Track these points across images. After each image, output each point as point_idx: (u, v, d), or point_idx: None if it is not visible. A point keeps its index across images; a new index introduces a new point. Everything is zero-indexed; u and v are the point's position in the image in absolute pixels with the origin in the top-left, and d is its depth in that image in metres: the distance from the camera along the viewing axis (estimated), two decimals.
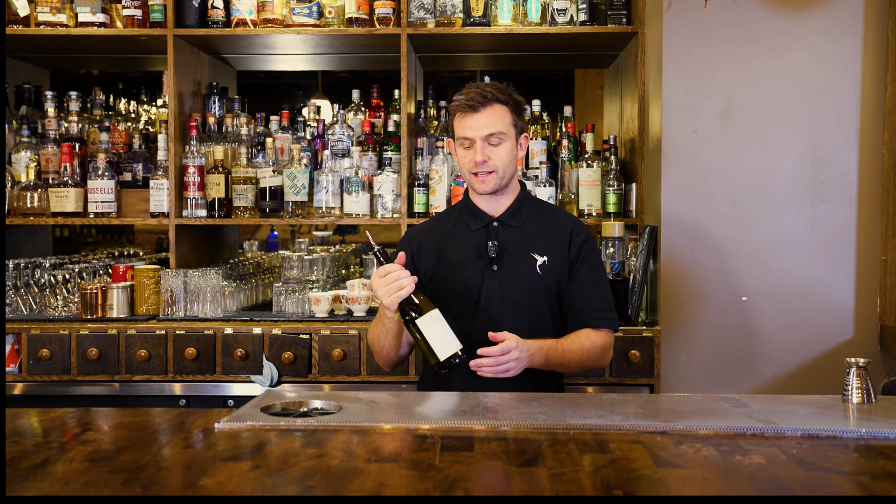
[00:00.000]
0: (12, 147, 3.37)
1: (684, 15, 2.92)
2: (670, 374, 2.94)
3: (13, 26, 3.22)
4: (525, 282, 2.23)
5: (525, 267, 2.24)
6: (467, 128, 2.20)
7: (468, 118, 2.20)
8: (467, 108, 2.19)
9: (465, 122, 2.20)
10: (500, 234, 2.27)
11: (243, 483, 1.35)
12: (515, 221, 2.28)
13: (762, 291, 2.93)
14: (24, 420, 1.79)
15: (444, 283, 2.25)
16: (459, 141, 2.23)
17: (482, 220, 2.29)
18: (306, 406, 1.84)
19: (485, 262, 2.23)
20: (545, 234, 2.29)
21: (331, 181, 3.17)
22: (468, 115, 2.20)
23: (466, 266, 2.25)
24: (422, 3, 3.16)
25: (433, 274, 2.27)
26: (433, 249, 2.30)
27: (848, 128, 2.91)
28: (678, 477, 1.38)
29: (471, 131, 2.19)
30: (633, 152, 3.26)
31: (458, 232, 2.30)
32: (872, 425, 1.66)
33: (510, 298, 2.23)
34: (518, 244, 2.26)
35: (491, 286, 2.23)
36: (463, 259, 2.26)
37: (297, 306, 3.10)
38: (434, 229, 2.36)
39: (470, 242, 2.27)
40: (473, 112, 2.19)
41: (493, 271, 2.23)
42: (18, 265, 3.15)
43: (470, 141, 2.20)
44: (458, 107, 2.21)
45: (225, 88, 3.64)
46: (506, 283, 2.23)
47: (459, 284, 2.24)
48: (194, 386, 2.94)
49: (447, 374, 2.07)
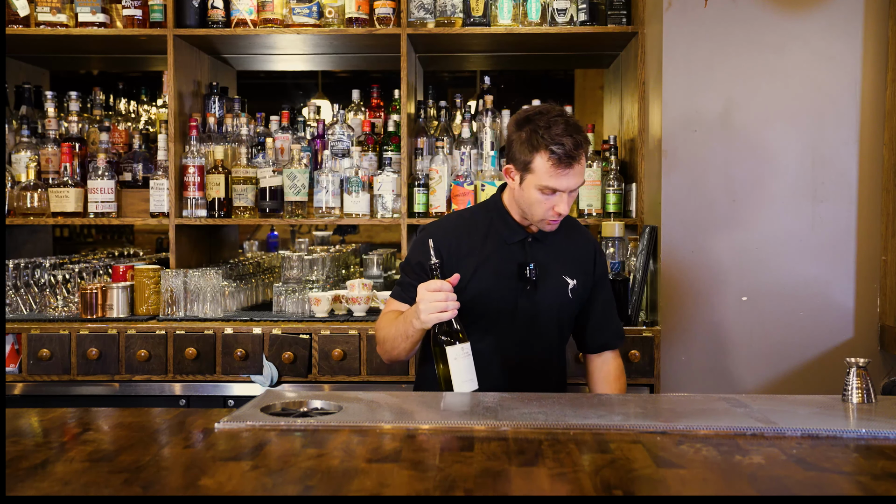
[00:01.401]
0: (12, 147, 3.37)
1: (684, 15, 2.92)
2: (670, 374, 2.94)
3: (13, 26, 3.22)
4: (556, 304, 2.25)
5: (558, 290, 2.24)
6: (559, 182, 2.07)
7: (562, 172, 2.07)
8: (565, 163, 2.06)
9: (558, 177, 2.07)
10: (534, 250, 2.24)
11: (243, 483, 1.35)
12: (548, 239, 2.26)
13: (762, 291, 2.93)
14: (24, 420, 1.79)
15: (479, 296, 2.19)
16: (543, 188, 2.09)
17: (518, 234, 2.23)
18: (306, 406, 1.84)
19: (522, 281, 2.21)
20: (574, 254, 2.29)
21: (331, 181, 3.17)
22: (563, 169, 2.07)
23: (502, 282, 2.21)
24: (422, 3, 3.16)
25: (467, 287, 2.18)
26: (466, 258, 2.21)
27: (848, 128, 2.91)
28: (678, 477, 1.38)
29: (563, 185, 2.08)
30: (633, 152, 3.26)
31: (493, 244, 2.23)
32: (872, 425, 1.66)
33: (542, 317, 2.24)
34: (551, 264, 2.24)
35: (525, 305, 2.22)
36: (499, 274, 2.21)
37: (297, 306, 3.10)
38: (463, 234, 2.25)
39: (505, 257, 2.22)
40: (568, 167, 2.07)
41: (527, 290, 2.21)
42: (18, 265, 3.15)
43: (556, 192, 2.10)
44: (555, 156, 2.05)
45: (225, 88, 3.64)
46: (540, 304, 2.23)
47: (493, 300, 2.20)
48: (194, 386, 2.94)
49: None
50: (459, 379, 1.99)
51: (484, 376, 2.07)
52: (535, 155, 2.08)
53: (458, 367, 1.99)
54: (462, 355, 2.00)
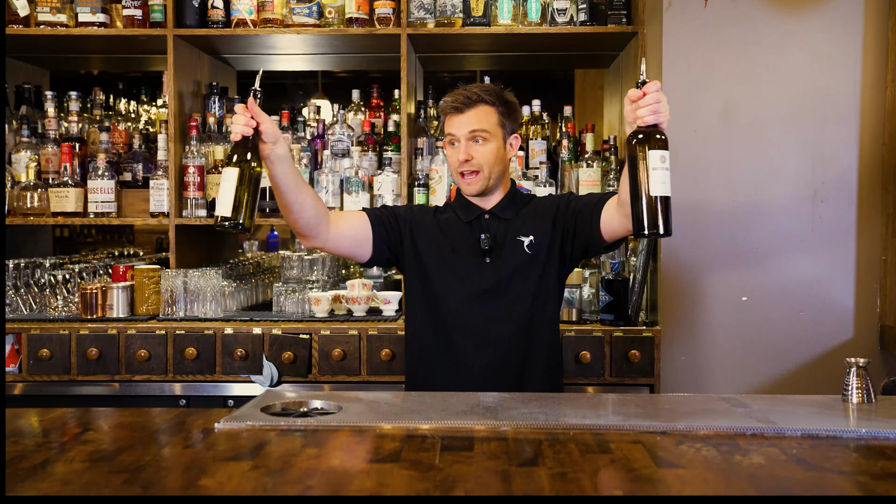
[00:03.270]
0: (12, 147, 3.37)
1: (684, 15, 2.92)
2: (670, 374, 2.94)
3: (13, 26, 3.22)
4: (514, 265, 2.25)
5: (514, 251, 2.26)
6: (452, 126, 2.26)
7: (454, 118, 2.26)
8: (452, 110, 2.26)
9: (452, 121, 2.27)
10: (490, 223, 2.29)
11: (243, 483, 1.35)
12: (506, 214, 2.30)
13: (762, 291, 2.93)
14: (24, 420, 1.79)
15: (440, 274, 2.26)
16: (446, 139, 2.29)
17: (473, 212, 2.31)
18: (306, 406, 1.84)
19: (477, 254, 2.26)
20: (531, 217, 2.31)
21: (331, 181, 3.17)
22: (454, 115, 2.26)
23: (460, 258, 2.27)
24: (422, 3, 3.16)
25: (428, 263, 2.28)
26: (430, 235, 2.31)
27: (848, 128, 2.91)
28: (678, 477, 1.38)
29: (455, 129, 2.25)
30: None
31: (452, 225, 2.32)
32: (872, 425, 1.66)
33: (506, 284, 2.24)
34: (508, 232, 2.28)
35: (487, 275, 2.24)
36: (456, 251, 2.28)
37: (297, 306, 3.10)
38: (428, 216, 2.36)
39: (463, 234, 2.29)
40: (458, 113, 2.25)
41: (486, 263, 2.25)
42: (18, 265, 3.15)
43: (455, 138, 2.25)
44: (444, 108, 2.28)
45: (225, 88, 3.64)
46: (500, 271, 2.25)
47: (454, 277, 2.25)
48: (194, 386, 2.94)
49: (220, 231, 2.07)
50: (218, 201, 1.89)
51: (461, 355, 2.20)
52: (442, 120, 2.30)
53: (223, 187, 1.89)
54: (225, 178, 1.89)
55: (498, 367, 2.23)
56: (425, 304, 2.28)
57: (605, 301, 2.92)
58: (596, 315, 3.04)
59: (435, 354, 2.26)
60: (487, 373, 2.22)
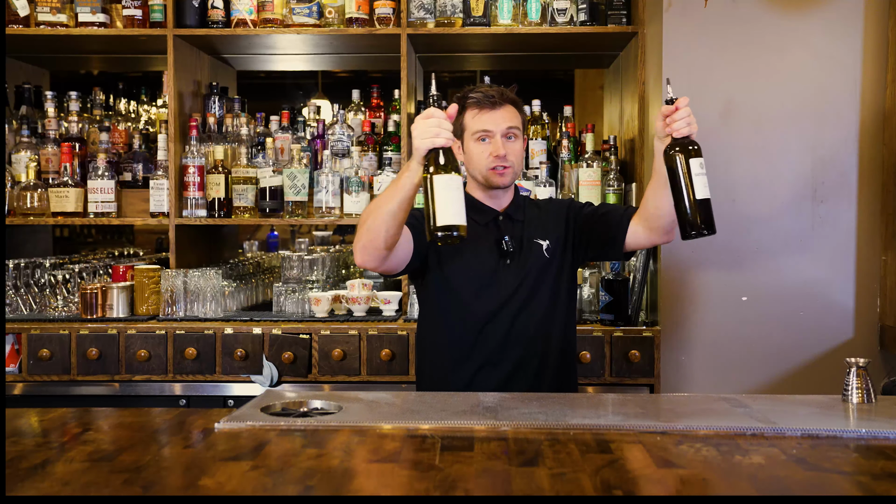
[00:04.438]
0: (12, 147, 3.37)
1: (684, 15, 2.92)
2: (670, 374, 2.94)
3: (13, 26, 3.22)
4: (536, 267, 2.26)
5: (535, 253, 2.27)
6: (486, 122, 2.22)
7: (486, 113, 2.22)
8: (487, 104, 2.22)
9: (484, 117, 2.22)
10: (506, 225, 2.29)
11: (243, 483, 1.35)
12: (519, 215, 2.31)
13: (762, 291, 2.93)
14: (24, 420, 1.79)
15: (462, 276, 2.24)
16: (477, 135, 2.22)
17: (488, 214, 2.29)
18: (306, 406, 1.84)
19: (501, 256, 2.26)
20: (544, 219, 2.33)
21: (331, 181, 3.17)
22: (486, 110, 2.22)
23: (481, 258, 2.25)
24: (422, 3, 3.16)
25: (450, 266, 2.24)
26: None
27: (848, 128, 2.91)
28: (678, 477, 1.38)
29: (491, 125, 2.22)
30: (633, 152, 3.26)
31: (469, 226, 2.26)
32: (872, 425, 1.66)
33: (527, 284, 2.25)
34: (525, 233, 2.29)
35: (507, 277, 2.25)
36: (476, 252, 2.25)
37: (297, 306, 3.10)
38: None
39: (480, 236, 2.26)
40: (492, 109, 2.22)
41: (506, 265, 2.25)
42: (18, 265, 3.15)
43: (489, 134, 2.22)
44: (476, 102, 2.22)
45: (225, 88, 3.64)
46: (520, 276, 2.25)
47: (476, 279, 2.24)
48: (194, 386, 2.94)
49: (441, 246, 2.01)
50: (445, 210, 1.78)
51: (480, 350, 2.19)
52: (463, 115, 2.24)
53: (444, 196, 1.79)
54: (452, 186, 1.81)
55: (518, 367, 2.23)
56: (446, 306, 2.26)
57: (605, 301, 2.92)
58: (596, 315, 3.04)
59: (455, 355, 2.25)
60: (509, 373, 2.22)
